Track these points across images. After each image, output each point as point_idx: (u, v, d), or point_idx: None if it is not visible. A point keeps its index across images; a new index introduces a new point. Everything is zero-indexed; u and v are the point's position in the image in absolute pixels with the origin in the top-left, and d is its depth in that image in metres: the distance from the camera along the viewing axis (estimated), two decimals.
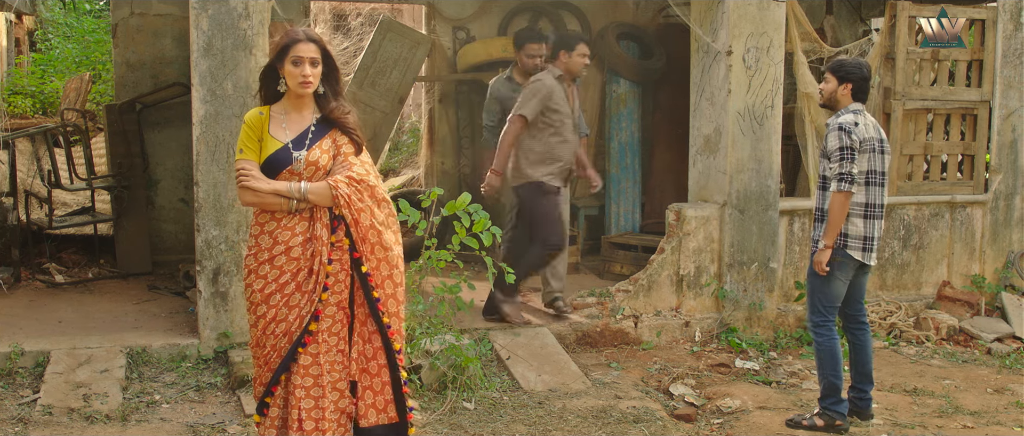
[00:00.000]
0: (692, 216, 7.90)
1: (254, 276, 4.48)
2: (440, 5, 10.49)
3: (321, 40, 4.55)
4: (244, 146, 4.48)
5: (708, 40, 7.92)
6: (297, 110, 4.54)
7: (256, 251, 4.49)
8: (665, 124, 10.40)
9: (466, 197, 6.43)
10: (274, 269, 4.45)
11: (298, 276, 4.44)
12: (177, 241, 9.46)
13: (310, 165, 4.46)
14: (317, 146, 4.49)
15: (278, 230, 4.45)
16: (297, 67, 4.42)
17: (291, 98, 4.53)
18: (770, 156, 7.98)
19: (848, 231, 5.92)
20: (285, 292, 4.44)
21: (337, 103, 4.55)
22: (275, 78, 4.53)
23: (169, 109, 9.33)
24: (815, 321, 6.06)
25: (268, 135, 4.48)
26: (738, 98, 7.84)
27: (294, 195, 4.42)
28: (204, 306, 6.82)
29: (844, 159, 5.78)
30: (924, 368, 7.50)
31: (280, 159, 4.45)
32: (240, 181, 4.43)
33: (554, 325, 7.58)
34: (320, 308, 4.44)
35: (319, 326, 4.45)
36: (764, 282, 8.07)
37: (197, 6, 6.63)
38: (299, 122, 4.53)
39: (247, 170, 4.43)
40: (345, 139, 4.56)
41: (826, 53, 8.34)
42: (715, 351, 7.71)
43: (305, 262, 4.45)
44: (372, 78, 10.06)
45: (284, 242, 4.44)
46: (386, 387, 4.56)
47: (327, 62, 4.52)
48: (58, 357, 6.51)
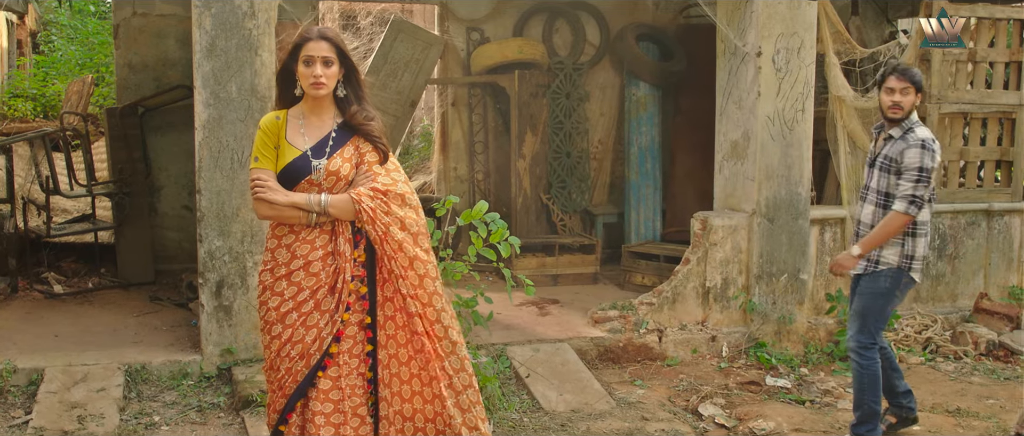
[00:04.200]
0: (719, 225, 7.53)
1: (269, 293, 4.12)
2: (453, 5, 10.13)
3: (336, 38, 4.17)
4: (259, 154, 4.12)
5: (737, 41, 7.55)
6: (316, 114, 4.17)
7: (272, 266, 4.13)
8: (686, 128, 10.05)
9: (483, 205, 6.04)
10: (292, 286, 4.09)
11: (317, 293, 4.08)
12: (181, 250, 9.11)
13: (331, 175, 4.09)
14: (338, 154, 4.12)
15: (297, 243, 4.10)
16: (309, 67, 4.07)
17: (309, 102, 4.17)
18: (800, 162, 7.61)
19: (914, 253, 5.53)
20: (303, 310, 4.08)
21: (360, 107, 4.18)
22: (291, 80, 4.17)
23: (172, 113, 8.99)
24: (864, 343, 5.64)
25: (285, 142, 4.12)
26: (767, 101, 7.47)
27: (314, 208, 4.06)
28: (207, 321, 6.46)
29: (920, 181, 5.37)
30: (965, 386, 7.11)
31: (298, 168, 4.09)
32: (255, 193, 4.06)
33: (576, 340, 7.21)
34: (341, 329, 4.08)
35: (340, 347, 4.08)
36: (794, 294, 7.70)
37: (200, 4, 6.27)
38: (318, 128, 4.16)
39: (263, 181, 4.07)
40: (369, 147, 4.18)
41: (858, 55, 7.96)
42: (744, 367, 7.33)
43: (326, 278, 4.09)
44: (383, 81, 9.70)
45: (303, 256, 4.09)
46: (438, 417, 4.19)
47: (344, 62, 4.16)
48: (53, 375, 6.16)
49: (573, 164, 10.06)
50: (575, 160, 10.07)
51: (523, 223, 9.77)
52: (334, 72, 4.11)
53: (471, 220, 6.02)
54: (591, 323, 7.56)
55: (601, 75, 10.47)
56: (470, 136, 10.37)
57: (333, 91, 4.16)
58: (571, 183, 10.07)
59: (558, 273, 9.24)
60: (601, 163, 10.58)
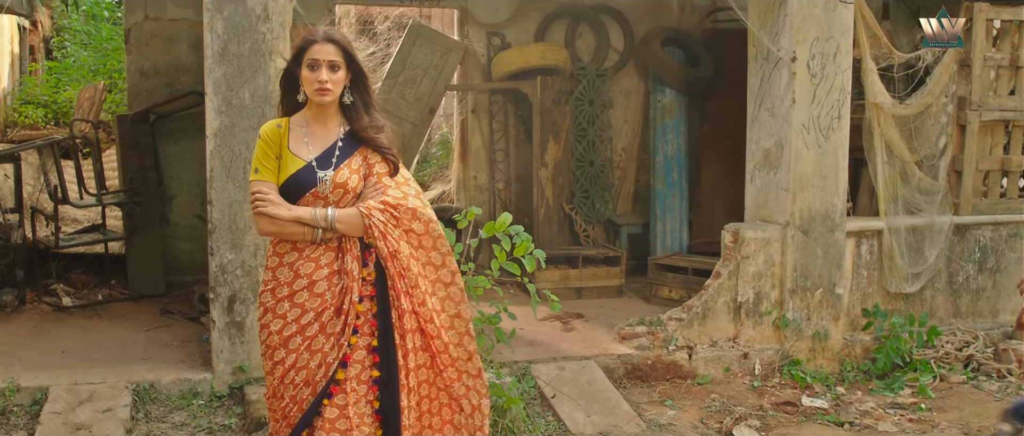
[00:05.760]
0: (751, 238, 7.22)
1: (271, 315, 3.83)
2: (473, 9, 9.84)
3: (344, 40, 3.87)
4: (260, 165, 3.82)
5: (770, 45, 7.24)
6: (320, 122, 3.88)
7: (274, 286, 3.83)
8: (713, 136, 9.74)
9: (507, 217, 5.75)
10: (295, 307, 3.79)
11: (322, 316, 3.78)
12: (193, 261, 8.84)
13: (338, 187, 3.80)
14: (345, 165, 3.83)
15: (300, 261, 3.80)
16: (313, 72, 3.77)
17: (313, 109, 3.87)
18: (836, 172, 7.30)
19: None
20: (307, 334, 3.78)
21: (369, 117, 3.89)
22: (294, 85, 3.88)
23: (185, 120, 8.72)
24: None
25: (288, 152, 3.82)
26: (802, 108, 7.17)
27: (320, 223, 3.76)
28: (218, 337, 6.19)
29: None
30: None
31: (302, 180, 3.79)
32: (256, 207, 3.76)
33: (603, 358, 6.90)
34: (349, 353, 3.78)
35: (347, 373, 3.78)
36: (829, 310, 7.38)
37: (211, 7, 6.00)
38: (324, 137, 3.87)
39: (264, 194, 3.77)
40: (378, 157, 3.89)
41: (896, 60, 7.63)
42: (778, 386, 7.02)
43: (331, 300, 3.79)
44: (401, 87, 9.43)
45: (307, 275, 3.79)
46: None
47: (352, 66, 3.86)
48: (57, 394, 5.89)
49: (597, 173, 9.76)
50: (599, 169, 9.76)
51: (545, 234, 9.47)
52: (341, 77, 3.82)
53: (494, 233, 5.73)
54: (618, 339, 7.26)
55: (625, 81, 10.17)
56: (490, 144, 10.08)
57: (339, 98, 3.87)
58: (595, 192, 9.77)
59: (582, 286, 8.94)
60: (625, 172, 10.27)
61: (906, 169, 7.69)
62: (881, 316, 7.51)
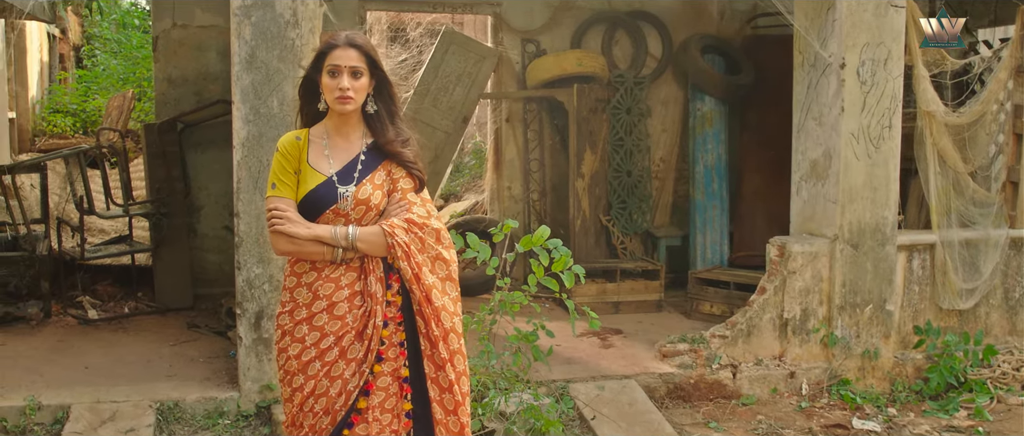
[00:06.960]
0: (798, 252, 6.92)
1: (289, 339, 3.56)
2: (507, 16, 9.60)
3: (367, 46, 3.59)
4: (277, 180, 3.55)
5: (820, 50, 6.95)
6: (341, 134, 3.61)
7: (292, 308, 3.57)
8: (754, 146, 9.44)
9: (544, 231, 5.49)
10: (314, 331, 3.53)
11: (343, 340, 3.51)
12: (221, 273, 8.64)
13: (360, 204, 3.54)
14: (368, 180, 3.56)
15: (319, 282, 3.53)
16: (334, 79, 3.50)
17: (334, 118, 3.60)
18: (887, 183, 7.00)
19: None
20: (326, 360, 3.51)
21: (395, 128, 3.61)
22: (314, 93, 3.62)
23: (213, 129, 8.54)
24: None
25: (307, 165, 3.56)
26: (851, 117, 6.87)
27: (340, 243, 3.50)
28: (245, 354, 5.96)
29: None
30: None
31: (323, 196, 3.53)
32: (272, 225, 3.50)
33: (643, 376, 6.63)
34: (371, 381, 3.52)
35: (370, 402, 3.51)
36: (879, 327, 7.07)
37: (239, 13, 5.79)
38: (345, 149, 3.61)
39: (281, 211, 3.51)
40: (402, 172, 3.62)
41: (949, 67, 7.32)
42: (826, 407, 6.72)
43: (353, 323, 3.51)
44: (434, 95, 9.21)
45: (326, 297, 3.52)
46: None
47: (376, 73, 3.59)
48: (79, 413, 5.68)
49: (634, 183, 9.48)
50: (636, 179, 9.49)
51: (582, 246, 9.19)
52: (363, 84, 3.54)
53: (531, 247, 5.48)
54: (659, 357, 6.98)
55: (663, 89, 9.89)
56: (525, 153, 9.83)
57: (362, 106, 3.62)
58: (632, 204, 9.49)
59: (620, 300, 8.66)
60: (663, 182, 9.99)
61: (959, 180, 7.37)
62: (934, 334, 7.19)
